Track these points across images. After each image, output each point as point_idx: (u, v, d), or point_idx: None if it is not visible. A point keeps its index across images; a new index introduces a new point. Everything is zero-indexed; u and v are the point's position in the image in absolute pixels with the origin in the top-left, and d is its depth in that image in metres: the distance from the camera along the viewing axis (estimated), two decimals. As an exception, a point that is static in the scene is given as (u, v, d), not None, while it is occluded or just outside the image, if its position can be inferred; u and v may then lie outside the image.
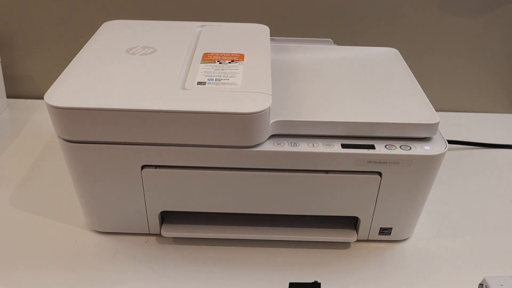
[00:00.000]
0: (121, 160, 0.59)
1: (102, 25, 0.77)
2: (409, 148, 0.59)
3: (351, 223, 0.68)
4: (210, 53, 0.67)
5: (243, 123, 0.55)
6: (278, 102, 0.62)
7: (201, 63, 0.64)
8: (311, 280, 0.60)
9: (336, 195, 0.62)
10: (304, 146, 0.59)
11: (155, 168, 0.60)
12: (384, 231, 0.67)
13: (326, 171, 0.60)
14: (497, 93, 1.03)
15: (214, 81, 0.60)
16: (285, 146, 0.58)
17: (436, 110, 0.62)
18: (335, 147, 0.59)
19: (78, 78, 0.60)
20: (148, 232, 0.68)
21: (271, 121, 0.58)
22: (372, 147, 0.59)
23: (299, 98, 0.64)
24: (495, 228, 0.73)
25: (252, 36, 0.74)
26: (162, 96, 0.57)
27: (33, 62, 1.01)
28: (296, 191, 0.62)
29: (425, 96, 0.65)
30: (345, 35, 0.97)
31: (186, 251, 0.66)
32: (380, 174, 0.60)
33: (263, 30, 0.76)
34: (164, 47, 0.69)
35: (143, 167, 0.60)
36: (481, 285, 0.57)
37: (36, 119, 0.96)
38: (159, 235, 0.68)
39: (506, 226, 0.73)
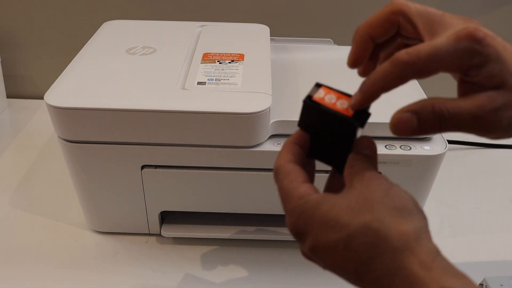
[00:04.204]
0: (121, 160, 0.59)
1: (102, 25, 0.77)
2: (409, 148, 0.59)
3: (351, 223, 0.68)
4: (210, 53, 0.67)
5: (243, 123, 0.55)
6: (278, 102, 0.62)
7: (201, 63, 0.64)
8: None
9: (336, 195, 0.62)
10: (304, 146, 0.59)
11: (155, 168, 0.60)
12: (384, 231, 0.67)
13: (326, 171, 0.60)
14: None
15: (214, 81, 0.60)
16: (285, 146, 0.58)
17: (436, 110, 0.62)
18: (335, 147, 0.59)
19: (78, 78, 0.60)
20: (148, 232, 0.68)
21: (271, 121, 0.58)
22: (372, 147, 0.59)
23: (299, 98, 0.64)
24: (495, 228, 0.73)
25: (252, 36, 0.74)
26: (162, 96, 0.57)
27: (33, 62, 1.01)
28: (296, 191, 0.62)
29: (425, 96, 0.65)
30: (345, 35, 0.97)
31: (186, 251, 0.66)
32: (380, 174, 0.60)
33: (263, 30, 0.76)
34: (164, 47, 0.69)
35: (143, 167, 0.60)
36: (481, 285, 0.57)
37: (36, 119, 0.96)
38: (159, 235, 0.68)
39: (506, 226, 0.73)
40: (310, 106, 0.38)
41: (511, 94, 0.33)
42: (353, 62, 0.40)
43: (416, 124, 0.34)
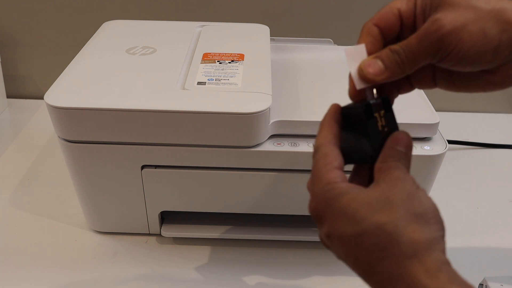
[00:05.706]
0: (121, 160, 0.59)
1: (102, 25, 0.77)
2: (409, 148, 0.59)
3: (351, 223, 0.68)
4: (210, 53, 0.67)
5: (243, 123, 0.55)
6: (278, 102, 0.62)
7: (201, 63, 0.64)
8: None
9: (336, 195, 0.62)
10: (304, 146, 0.59)
11: (155, 168, 0.60)
12: (384, 231, 0.67)
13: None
14: (497, 93, 1.03)
15: (214, 81, 0.60)
16: (285, 146, 0.58)
17: (436, 110, 0.62)
18: (335, 147, 0.59)
19: (78, 78, 0.60)
20: (148, 232, 0.68)
21: (271, 121, 0.58)
22: (372, 147, 0.59)
23: (299, 98, 0.64)
24: (495, 228, 0.73)
25: (252, 36, 0.74)
26: (162, 96, 0.57)
27: (33, 62, 1.01)
28: (296, 191, 0.62)
29: (425, 96, 0.65)
30: (345, 35, 0.97)
31: (186, 251, 0.66)
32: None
33: (263, 30, 0.76)
34: (164, 47, 0.69)
35: (143, 167, 0.60)
36: (481, 285, 0.57)
37: (36, 119, 0.96)
38: (159, 235, 0.68)
39: (506, 226, 0.73)
40: (361, 111, 0.39)
41: (453, 11, 0.35)
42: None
43: (382, 65, 0.37)
